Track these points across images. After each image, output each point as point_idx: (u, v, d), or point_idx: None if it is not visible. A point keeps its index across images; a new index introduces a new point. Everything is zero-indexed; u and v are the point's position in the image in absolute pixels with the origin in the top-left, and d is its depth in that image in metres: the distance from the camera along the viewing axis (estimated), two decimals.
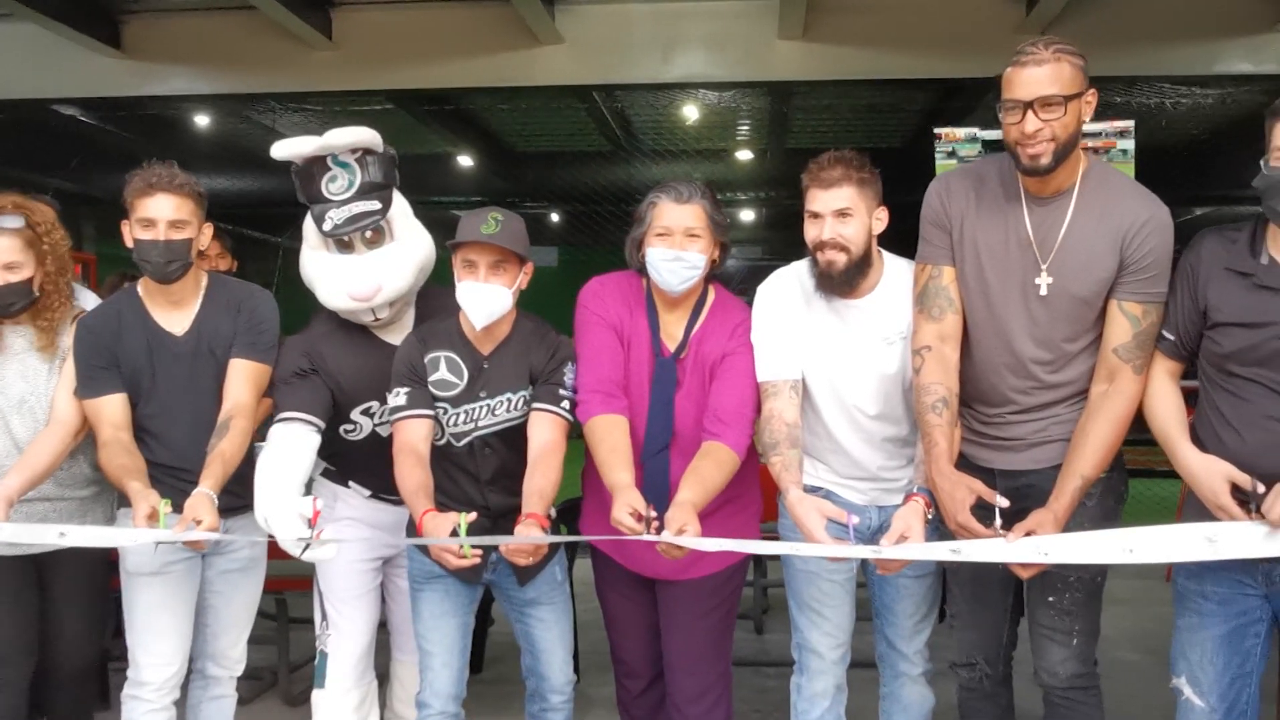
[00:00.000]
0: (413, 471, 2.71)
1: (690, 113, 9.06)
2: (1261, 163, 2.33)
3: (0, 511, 2.67)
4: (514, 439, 2.84)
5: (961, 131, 6.87)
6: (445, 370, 2.83)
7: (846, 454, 2.85)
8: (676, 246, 2.76)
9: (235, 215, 2.86)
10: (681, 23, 7.14)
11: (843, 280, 2.71)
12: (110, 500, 3.12)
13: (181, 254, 2.85)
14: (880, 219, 2.73)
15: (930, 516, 2.59)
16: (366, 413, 3.04)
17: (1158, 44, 6.97)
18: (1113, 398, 2.53)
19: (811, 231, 2.73)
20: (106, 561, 3.13)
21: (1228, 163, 9.68)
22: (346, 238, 2.90)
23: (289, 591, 4.26)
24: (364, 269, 2.88)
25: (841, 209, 2.67)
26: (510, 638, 3.22)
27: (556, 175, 11.03)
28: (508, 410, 2.84)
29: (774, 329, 2.82)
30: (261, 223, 12.03)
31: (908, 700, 2.99)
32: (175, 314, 2.94)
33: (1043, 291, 2.56)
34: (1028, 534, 2.43)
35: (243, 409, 2.86)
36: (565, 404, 2.81)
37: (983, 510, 2.48)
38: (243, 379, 2.91)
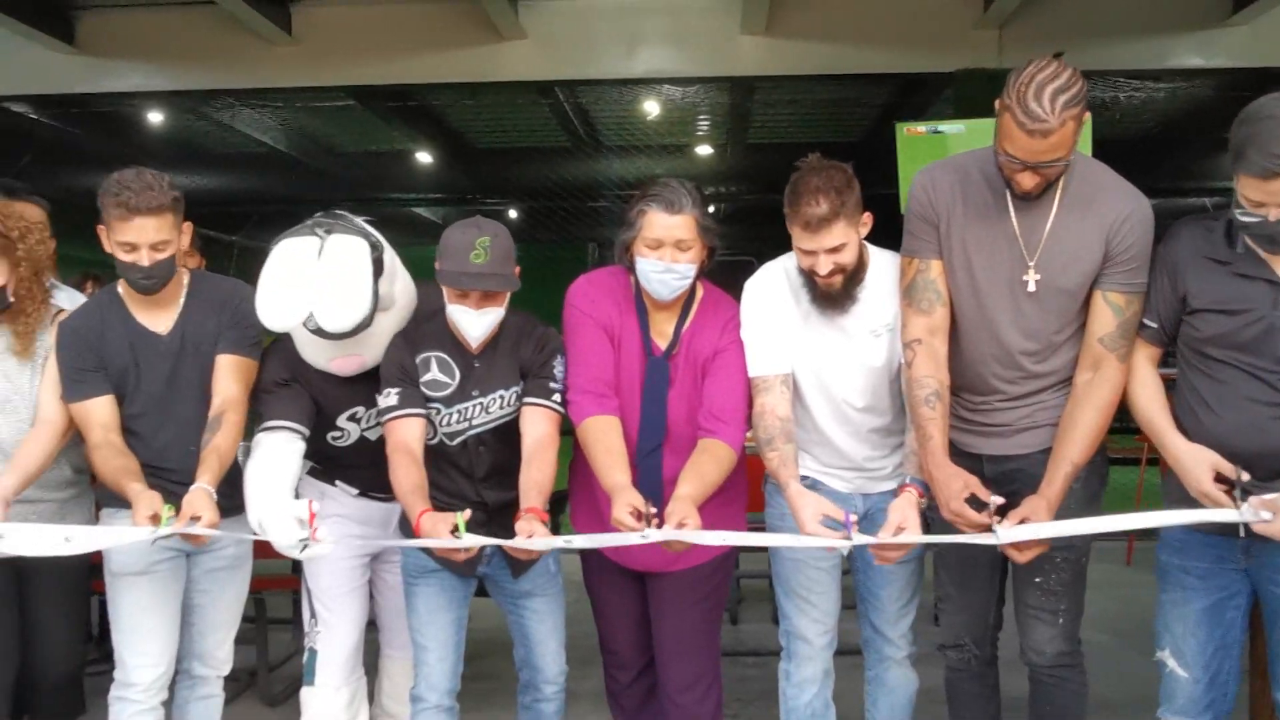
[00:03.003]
0: (408, 471, 2.70)
1: (652, 108, 9.10)
2: (1238, 210, 2.36)
3: None
4: (507, 435, 2.84)
5: (922, 126, 6.96)
6: (437, 371, 2.82)
7: (832, 445, 2.89)
8: (667, 259, 2.75)
9: (190, 213, 2.83)
10: (645, 18, 7.18)
11: (844, 294, 2.73)
12: (88, 502, 3.09)
13: (165, 271, 2.82)
14: (866, 225, 2.74)
15: (923, 506, 2.63)
16: (353, 418, 3.03)
17: (1111, 39, 7.11)
18: (1098, 385, 2.58)
19: (805, 262, 2.72)
20: (87, 564, 3.09)
21: (1179, 155, 9.89)
22: None
23: (268, 591, 4.23)
24: (348, 348, 2.83)
25: (835, 247, 2.67)
26: (490, 633, 3.23)
27: (517, 171, 11.04)
28: (500, 407, 2.85)
29: (763, 324, 2.83)
30: (217, 221, 11.90)
31: (893, 683, 3.04)
32: (158, 313, 2.91)
33: (1030, 288, 2.60)
34: (1021, 521, 2.48)
35: (233, 403, 2.85)
36: (556, 397, 2.82)
37: (976, 500, 2.52)
38: (231, 374, 2.89)
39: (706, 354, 2.85)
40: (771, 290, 2.85)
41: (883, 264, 2.82)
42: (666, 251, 2.74)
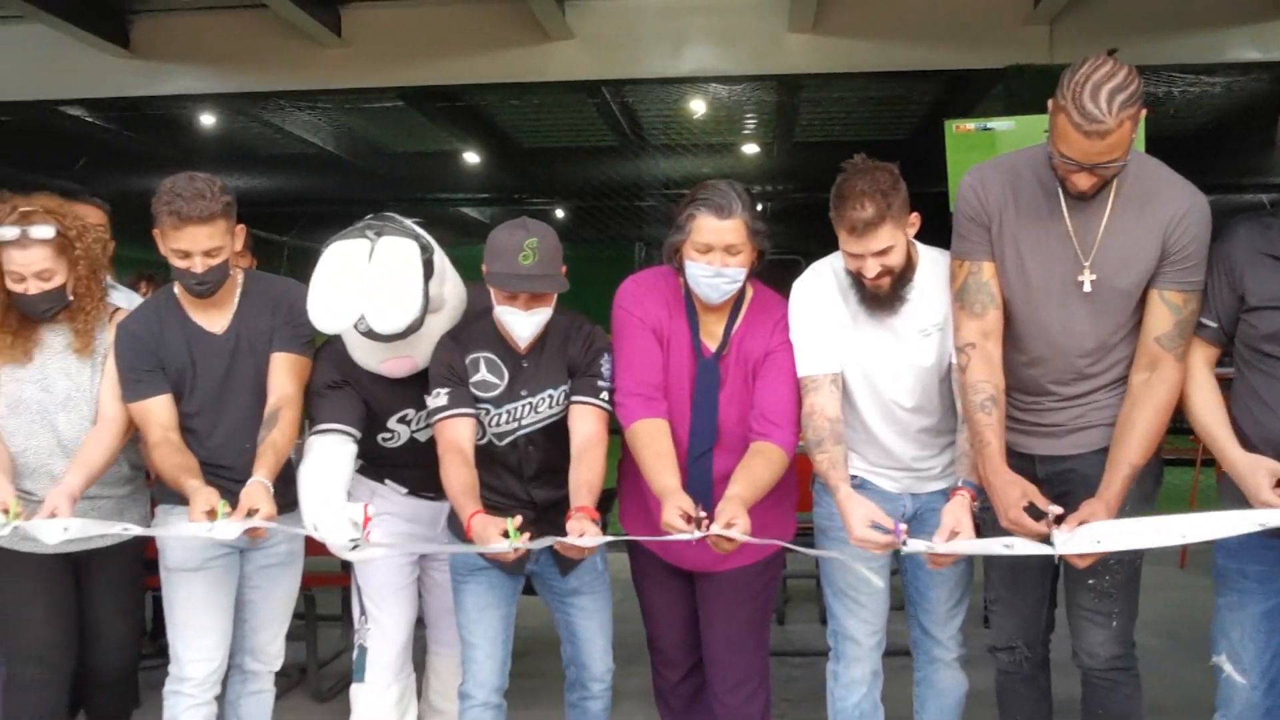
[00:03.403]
0: (459, 472, 2.71)
1: (698, 107, 9.08)
2: None
3: (65, 507, 2.70)
4: (556, 434, 2.85)
5: (971, 123, 6.89)
6: (485, 371, 2.84)
7: (880, 445, 2.87)
8: (717, 264, 2.73)
9: (241, 214, 2.88)
10: (692, 17, 7.16)
11: (892, 295, 2.71)
12: (145, 499, 3.15)
13: (218, 276, 2.86)
14: (913, 225, 2.71)
15: (976, 510, 2.60)
16: (403, 420, 3.05)
17: (1165, 33, 7.00)
18: (1156, 386, 2.54)
19: (852, 264, 2.70)
20: (144, 560, 3.15)
21: (1235, 150, 9.71)
22: None
23: (318, 588, 4.27)
24: (399, 350, 2.86)
25: (882, 250, 2.65)
26: (538, 630, 3.23)
27: (563, 171, 11.06)
28: (549, 406, 2.85)
29: (812, 324, 2.81)
30: (268, 222, 12.04)
31: (942, 685, 3.01)
32: (213, 313, 2.96)
33: (1086, 288, 2.56)
34: (1081, 524, 2.44)
35: (289, 400, 2.88)
36: (604, 395, 2.82)
37: (1034, 508, 2.49)
38: (286, 372, 2.93)
39: (757, 355, 2.83)
40: (820, 290, 2.83)
41: (932, 262, 2.79)
42: (716, 256, 2.72)
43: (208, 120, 9.54)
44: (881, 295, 2.71)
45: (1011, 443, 2.69)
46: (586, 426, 2.79)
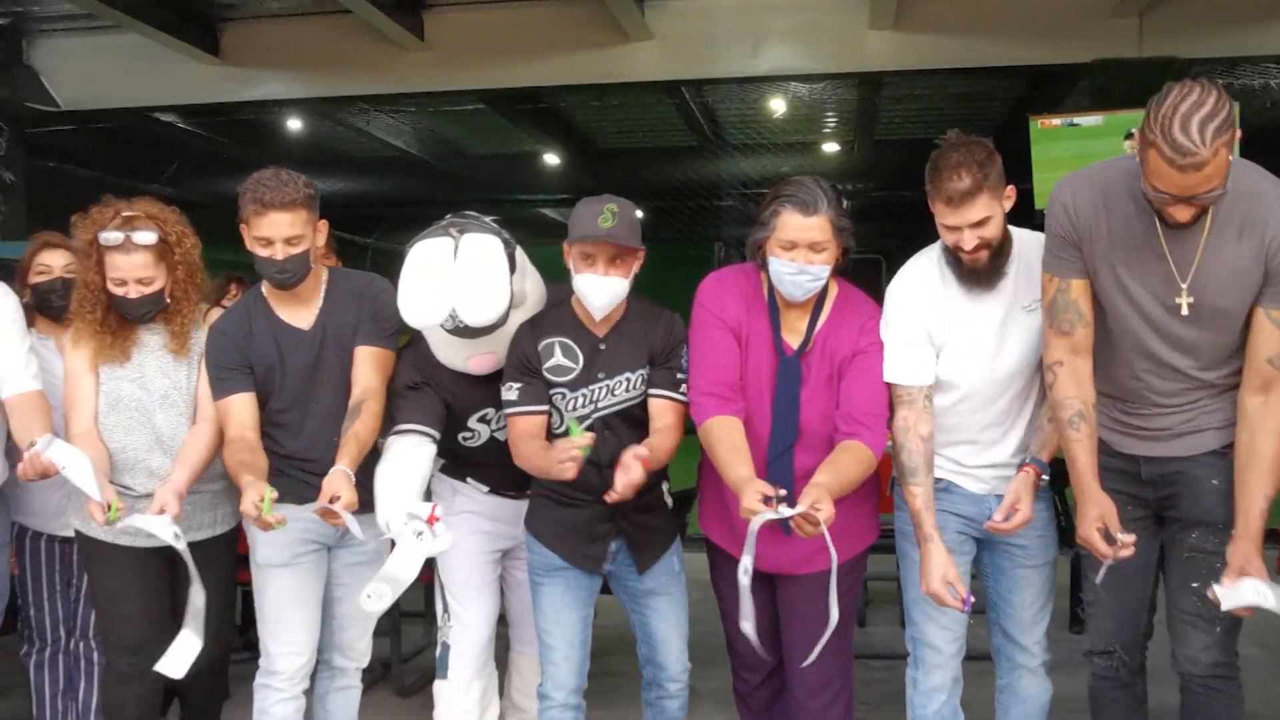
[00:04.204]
0: (536, 450, 2.77)
1: (777, 106, 9.02)
2: None
3: (174, 505, 2.80)
4: (634, 422, 2.86)
5: (1057, 118, 6.77)
6: (560, 356, 2.86)
7: (975, 440, 2.84)
8: (801, 260, 2.71)
9: (325, 217, 2.93)
10: (771, 15, 7.13)
11: (991, 269, 2.68)
12: (236, 493, 3.22)
13: (300, 266, 2.92)
14: (1010, 198, 2.68)
15: (1044, 484, 2.64)
16: (483, 420, 3.09)
17: (1258, 23, 6.80)
18: (1273, 411, 2.45)
19: (949, 238, 2.67)
20: (234, 555, 3.23)
21: None
22: None
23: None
24: (483, 346, 2.91)
25: (979, 221, 2.62)
26: (617, 630, 3.24)
27: (642, 171, 11.07)
28: (627, 390, 2.86)
29: (910, 331, 2.77)
30: (352, 224, 12.26)
31: (1026, 692, 2.96)
32: (300, 309, 3.02)
33: (1184, 311, 2.48)
34: (1241, 574, 2.39)
35: (373, 393, 2.93)
36: (682, 388, 2.84)
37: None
38: (370, 365, 2.98)
39: (843, 354, 2.81)
40: (920, 291, 2.79)
41: (1023, 240, 2.76)
42: (800, 253, 2.70)
43: (294, 124, 9.73)
44: (980, 269, 2.68)
45: (1115, 444, 2.65)
46: (663, 420, 2.83)
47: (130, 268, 2.91)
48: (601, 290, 2.77)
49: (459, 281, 2.77)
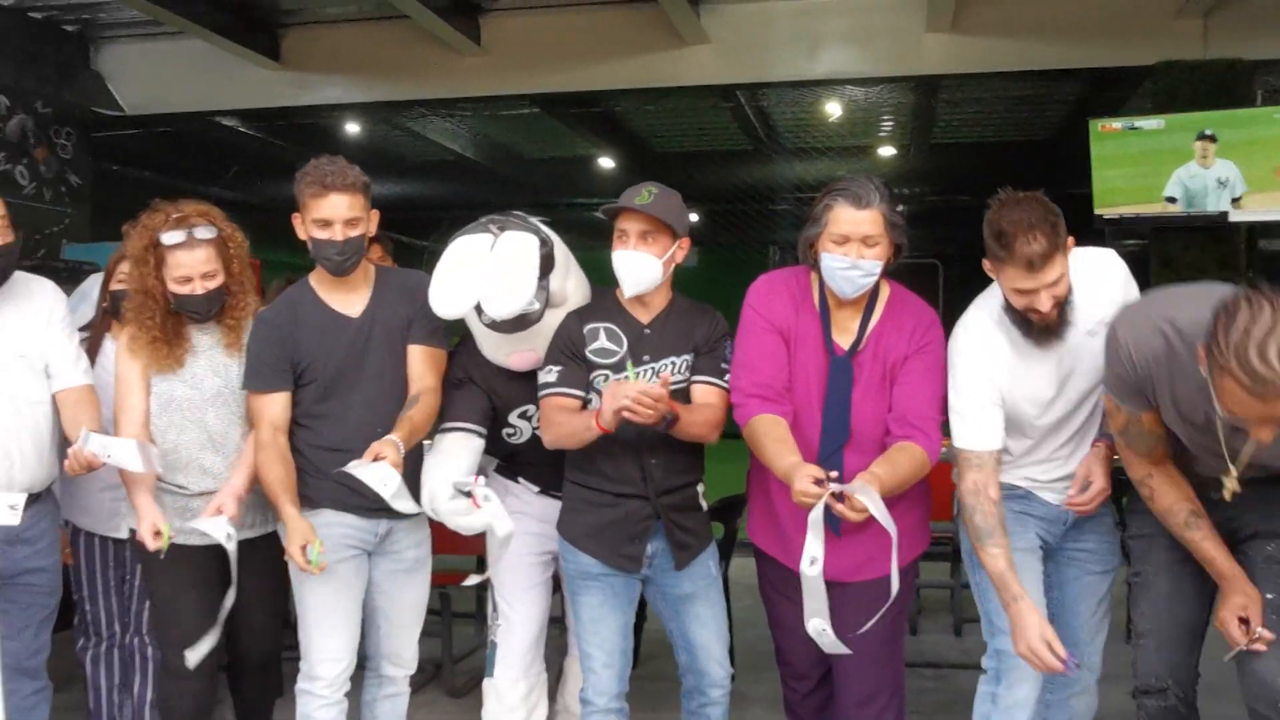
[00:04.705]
0: (567, 419, 2.82)
1: (833, 109, 8.96)
2: None
3: (232, 507, 2.88)
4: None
5: (1118, 121, 6.66)
6: (605, 339, 2.88)
7: (1052, 461, 2.82)
8: (853, 255, 2.69)
9: (383, 220, 2.95)
10: (827, 18, 7.09)
11: (1060, 320, 2.64)
12: None
13: (357, 249, 2.96)
14: (1070, 248, 2.62)
15: (1116, 458, 2.64)
16: (524, 416, 3.10)
17: None
18: None
19: (1021, 301, 2.61)
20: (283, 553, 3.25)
21: None
22: None
23: (452, 586, 4.36)
24: (523, 343, 2.94)
25: (1054, 280, 2.57)
26: (661, 633, 3.23)
27: (697, 175, 11.04)
28: (671, 374, 2.86)
29: (982, 394, 2.72)
30: (409, 227, 12.35)
31: (1076, 709, 2.91)
32: (349, 297, 3.04)
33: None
34: None
35: (430, 389, 2.97)
36: (727, 377, 2.86)
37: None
38: (425, 364, 3.01)
39: (896, 356, 2.78)
40: (987, 352, 2.73)
41: (1083, 262, 2.70)
42: (853, 247, 2.69)
43: (352, 129, 9.83)
44: (1051, 325, 2.64)
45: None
46: (706, 402, 2.86)
47: (195, 264, 2.96)
48: (630, 264, 2.80)
49: (489, 274, 2.82)
